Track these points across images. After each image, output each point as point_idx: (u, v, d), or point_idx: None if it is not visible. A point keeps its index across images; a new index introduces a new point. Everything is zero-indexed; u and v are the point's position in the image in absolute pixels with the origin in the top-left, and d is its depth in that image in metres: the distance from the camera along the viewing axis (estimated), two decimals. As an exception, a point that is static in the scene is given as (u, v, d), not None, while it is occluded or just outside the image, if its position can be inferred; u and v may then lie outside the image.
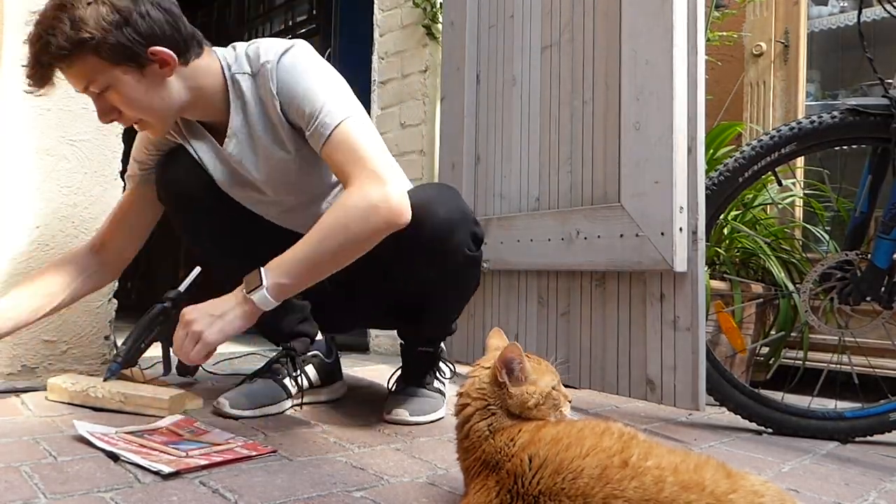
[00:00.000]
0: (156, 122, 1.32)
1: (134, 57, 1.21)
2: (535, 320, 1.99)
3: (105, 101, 1.26)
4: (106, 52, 1.19)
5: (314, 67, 1.32)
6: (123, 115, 1.28)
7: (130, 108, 1.27)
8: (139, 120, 1.30)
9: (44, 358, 1.63)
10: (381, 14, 2.90)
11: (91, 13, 1.16)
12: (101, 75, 1.21)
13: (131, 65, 1.22)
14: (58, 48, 1.16)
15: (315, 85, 1.28)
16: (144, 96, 1.26)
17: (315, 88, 1.28)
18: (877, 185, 1.54)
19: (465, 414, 0.89)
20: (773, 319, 2.23)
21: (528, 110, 2.04)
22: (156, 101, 1.28)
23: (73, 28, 1.15)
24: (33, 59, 1.20)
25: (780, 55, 2.65)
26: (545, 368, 0.91)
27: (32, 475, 0.97)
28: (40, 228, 1.64)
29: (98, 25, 1.16)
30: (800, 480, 1.19)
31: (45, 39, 1.17)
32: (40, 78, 1.22)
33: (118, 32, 1.18)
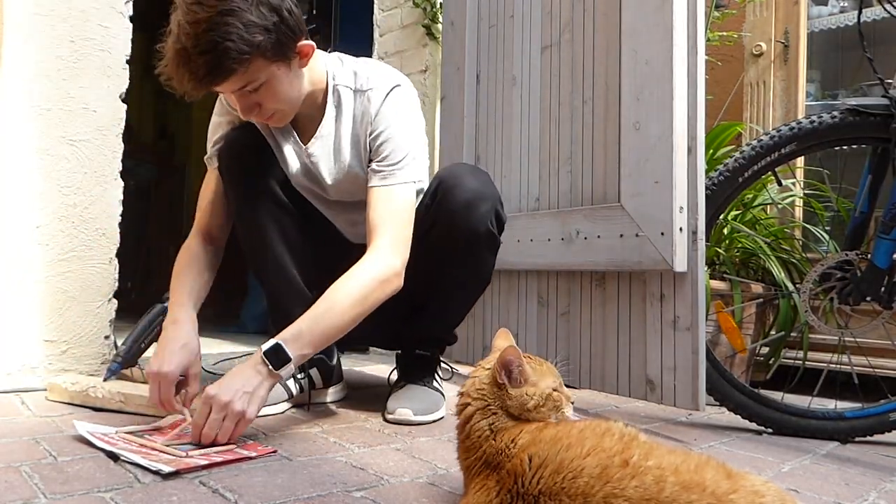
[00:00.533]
0: (290, 112, 1.37)
1: (288, 53, 1.27)
2: (535, 320, 1.99)
3: (252, 98, 1.28)
4: (270, 52, 1.23)
5: (413, 116, 1.43)
6: (263, 108, 1.31)
7: (276, 101, 1.30)
8: (275, 111, 1.33)
9: (44, 358, 1.63)
10: (381, 14, 2.90)
11: (256, 15, 1.19)
12: (263, 74, 1.24)
13: (285, 60, 1.27)
14: (238, 52, 1.17)
15: (407, 134, 1.40)
16: (290, 89, 1.32)
17: (405, 138, 1.39)
18: (877, 185, 1.54)
19: (465, 414, 0.89)
20: (773, 319, 2.23)
21: (528, 110, 2.04)
22: (295, 92, 1.34)
23: (247, 32, 1.17)
24: (207, 66, 1.17)
25: (780, 55, 2.65)
26: (546, 370, 0.91)
27: (32, 475, 0.97)
28: (40, 228, 1.64)
29: (264, 27, 1.19)
30: (800, 480, 1.19)
31: (223, 46, 1.15)
32: (209, 85, 1.21)
33: (277, 31, 1.22)
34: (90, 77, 1.71)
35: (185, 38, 1.16)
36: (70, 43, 1.68)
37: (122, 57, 1.77)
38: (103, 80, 1.73)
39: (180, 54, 1.17)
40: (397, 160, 1.37)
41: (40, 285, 1.63)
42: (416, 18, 2.70)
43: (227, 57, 1.17)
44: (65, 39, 1.68)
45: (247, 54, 1.18)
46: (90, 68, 1.71)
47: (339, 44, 3.75)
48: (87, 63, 1.71)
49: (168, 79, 1.22)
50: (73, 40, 1.69)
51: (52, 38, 1.66)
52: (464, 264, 1.47)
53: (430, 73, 2.63)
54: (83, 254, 1.69)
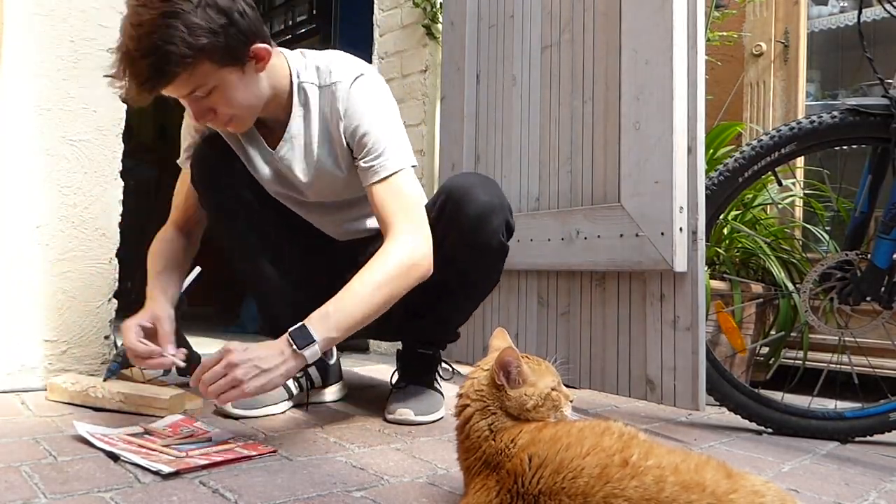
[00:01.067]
0: (248, 117, 1.33)
1: (238, 57, 1.22)
2: (535, 320, 1.99)
3: (203, 103, 1.25)
4: (218, 56, 1.18)
5: (384, 102, 1.38)
6: (218, 114, 1.28)
7: (230, 106, 1.26)
8: (231, 117, 1.30)
9: (44, 358, 1.63)
10: (381, 14, 2.90)
11: (202, 18, 1.14)
12: (211, 78, 1.21)
13: (236, 64, 1.23)
14: (180, 56, 1.13)
15: (383, 122, 1.35)
16: (244, 94, 1.27)
17: (383, 126, 1.34)
18: (877, 185, 1.53)
19: (465, 415, 0.89)
20: (773, 319, 2.23)
21: (527, 110, 2.05)
22: (251, 97, 1.29)
23: (190, 35, 1.13)
24: (149, 70, 1.14)
25: (780, 55, 2.65)
26: (544, 369, 0.91)
27: (32, 475, 0.97)
28: (40, 228, 1.64)
29: (210, 29, 1.15)
30: (800, 480, 1.19)
31: (164, 49, 1.12)
32: (151, 89, 1.17)
33: (226, 34, 1.18)
34: (90, 77, 1.71)
35: (129, 40, 1.13)
36: (70, 43, 1.68)
37: (122, 57, 1.76)
38: (103, 80, 1.72)
39: (125, 58, 1.15)
40: (383, 150, 1.32)
41: (40, 285, 1.63)
42: (416, 18, 2.70)
43: (167, 61, 1.13)
44: (65, 39, 1.68)
45: (189, 58, 1.14)
46: (90, 68, 1.71)
47: (339, 44, 3.75)
48: (87, 63, 1.71)
49: (117, 84, 1.19)
50: (73, 40, 1.69)
51: (52, 38, 1.66)
52: (474, 273, 1.46)
53: (430, 73, 2.63)
54: (83, 254, 1.69)
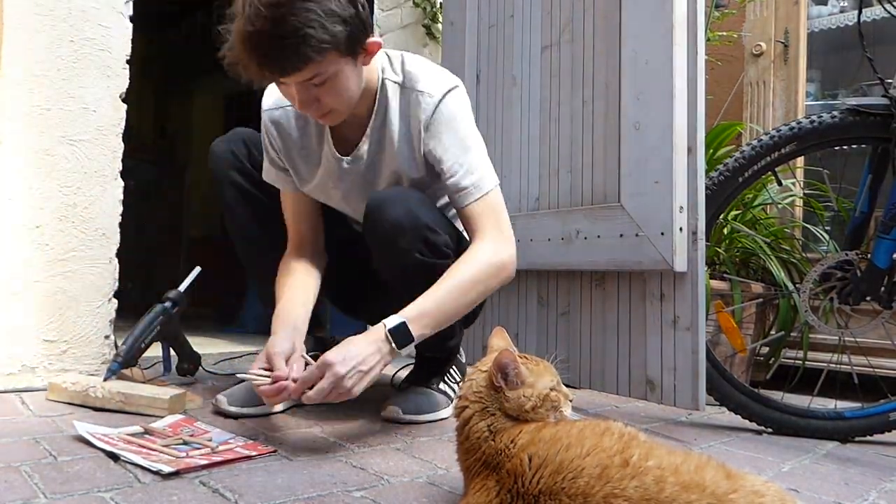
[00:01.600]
0: (346, 111, 1.31)
1: (357, 48, 1.22)
2: (535, 320, 1.99)
3: (313, 92, 1.22)
4: (344, 45, 1.17)
5: (468, 117, 1.39)
6: (321, 104, 1.25)
7: (338, 97, 1.25)
8: (330, 110, 1.28)
9: (44, 358, 1.63)
10: (381, 14, 2.90)
11: (336, 5, 1.14)
12: (332, 67, 1.19)
13: (353, 56, 1.22)
14: (318, 41, 1.12)
15: (469, 140, 1.37)
16: (353, 86, 1.27)
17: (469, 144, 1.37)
18: (877, 184, 1.54)
19: (464, 416, 0.89)
20: (773, 319, 2.23)
21: (527, 110, 2.04)
22: (355, 90, 1.29)
23: (328, 20, 1.12)
24: (285, 51, 1.11)
25: (780, 55, 2.65)
26: (543, 369, 0.90)
27: (32, 475, 0.97)
28: (40, 228, 1.64)
29: (342, 18, 1.14)
30: (800, 480, 1.19)
31: (304, 32, 1.10)
32: (282, 72, 1.16)
33: (353, 24, 1.17)
34: (90, 77, 1.71)
35: (261, 21, 1.09)
36: (70, 43, 1.68)
37: (122, 57, 1.77)
38: (103, 80, 1.73)
39: (252, 38, 1.11)
40: (474, 169, 1.35)
41: (40, 285, 1.63)
42: (416, 18, 2.70)
43: (306, 44, 1.11)
44: (65, 39, 1.68)
45: (326, 44, 1.13)
46: (90, 68, 1.71)
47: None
48: (87, 63, 1.71)
49: (232, 63, 1.17)
50: (73, 40, 1.69)
51: (52, 38, 1.66)
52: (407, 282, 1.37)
53: (430, 73, 2.63)
54: (83, 254, 1.69)
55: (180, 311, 1.60)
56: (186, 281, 1.61)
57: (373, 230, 1.35)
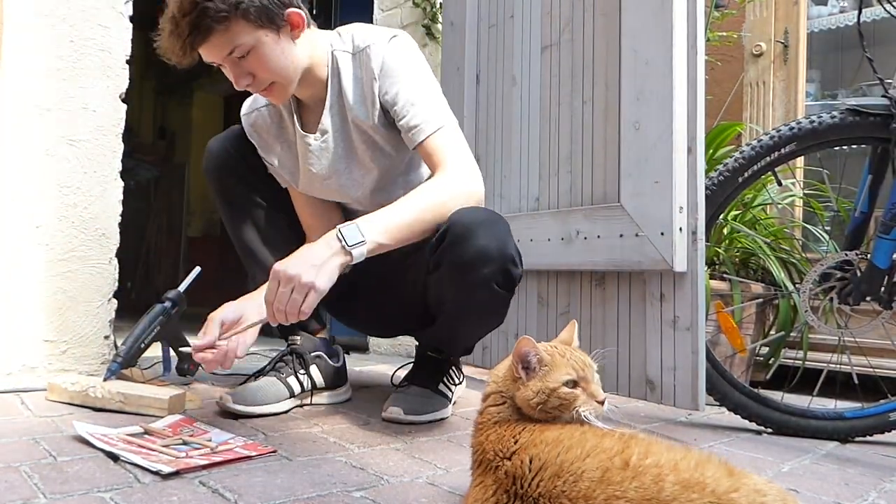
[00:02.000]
0: (286, 84, 1.37)
1: (274, 18, 1.29)
2: (535, 320, 1.99)
3: (241, 67, 1.30)
4: (254, 15, 1.25)
5: (418, 63, 1.42)
6: (256, 79, 1.33)
7: (267, 70, 1.31)
8: (270, 85, 1.34)
9: (44, 358, 1.63)
10: (381, 14, 2.90)
11: None
12: (247, 38, 1.26)
13: (272, 27, 1.29)
14: (216, 11, 1.21)
15: (419, 81, 1.40)
16: (281, 58, 1.32)
17: (420, 84, 1.39)
18: (877, 185, 1.54)
19: (486, 392, 0.90)
20: (772, 319, 2.23)
21: (527, 110, 2.04)
22: (289, 63, 1.34)
23: None
24: (189, 26, 1.22)
25: (779, 55, 2.65)
26: (564, 362, 0.83)
27: (32, 475, 0.97)
28: (40, 228, 1.64)
29: None
30: (799, 480, 1.19)
31: (203, 6, 1.20)
32: (190, 46, 1.24)
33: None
34: (90, 77, 1.71)
35: (173, 4, 1.22)
36: (70, 43, 1.68)
37: (122, 57, 1.77)
38: (103, 80, 1.73)
39: (170, 22, 1.23)
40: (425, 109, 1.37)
41: (40, 285, 1.63)
42: (416, 18, 2.70)
43: (205, 15, 1.21)
44: (65, 39, 1.68)
45: (224, 12, 1.21)
46: (90, 68, 1.71)
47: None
48: (87, 63, 1.71)
49: (163, 54, 1.27)
50: (73, 40, 1.69)
51: (52, 38, 1.66)
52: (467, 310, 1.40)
53: (430, 73, 2.63)
54: (83, 254, 1.69)
55: (180, 312, 1.60)
56: (186, 281, 1.61)
57: (455, 252, 1.28)
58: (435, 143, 1.36)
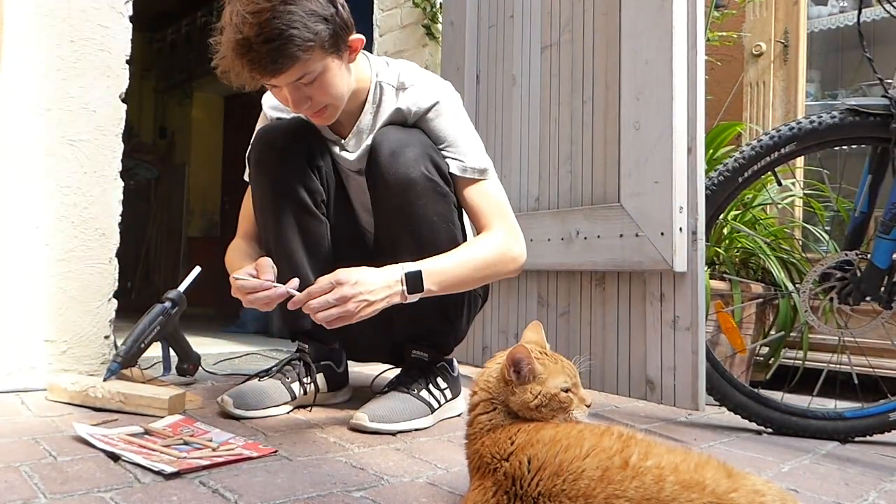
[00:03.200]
0: (339, 108, 1.36)
1: (342, 45, 1.28)
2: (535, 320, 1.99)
3: (304, 91, 1.28)
4: (328, 43, 1.23)
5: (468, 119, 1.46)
6: (314, 102, 1.31)
7: (328, 95, 1.30)
8: (323, 107, 1.33)
9: (44, 358, 1.63)
10: (381, 14, 2.90)
11: (316, 5, 1.20)
12: (319, 65, 1.25)
13: (338, 53, 1.28)
14: (303, 40, 1.18)
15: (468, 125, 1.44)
16: (342, 83, 1.32)
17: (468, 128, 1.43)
18: (876, 185, 1.54)
19: (472, 402, 0.90)
20: (772, 319, 2.23)
21: (527, 110, 2.05)
22: (345, 87, 1.34)
23: (310, 20, 1.18)
24: (273, 53, 1.17)
25: (779, 55, 2.65)
26: (559, 369, 0.88)
27: (32, 475, 0.97)
28: (40, 228, 1.64)
29: (323, 16, 1.21)
30: (799, 480, 1.19)
31: (288, 33, 1.16)
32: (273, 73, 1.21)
33: (334, 22, 1.23)
34: (90, 77, 1.71)
35: (248, 27, 1.15)
36: (70, 43, 1.68)
37: (122, 57, 1.77)
38: (103, 80, 1.73)
39: (241, 45, 1.17)
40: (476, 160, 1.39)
41: (40, 285, 1.63)
42: (415, 18, 2.70)
43: (291, 44, 1.17)
44: (65, 39, 1.68)
45: (311, 41, 1.19)
46: (90, 68, 1.71)
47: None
48: (87, 63, 1.71)
49: (224, 71, 1.23)
50: (73, 40, 1.69)
51: (52, 38, 1.66)
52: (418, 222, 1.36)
53: (430, 73, 2.63)
54: (83, 254, 1.69)
55: (180, 312, 1.60)
56: (186, 281, 1.61)
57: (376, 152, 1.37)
58: (483, 189, 1.40)
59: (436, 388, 1.48)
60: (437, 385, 1.49)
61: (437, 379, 1.50)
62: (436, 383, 1.49)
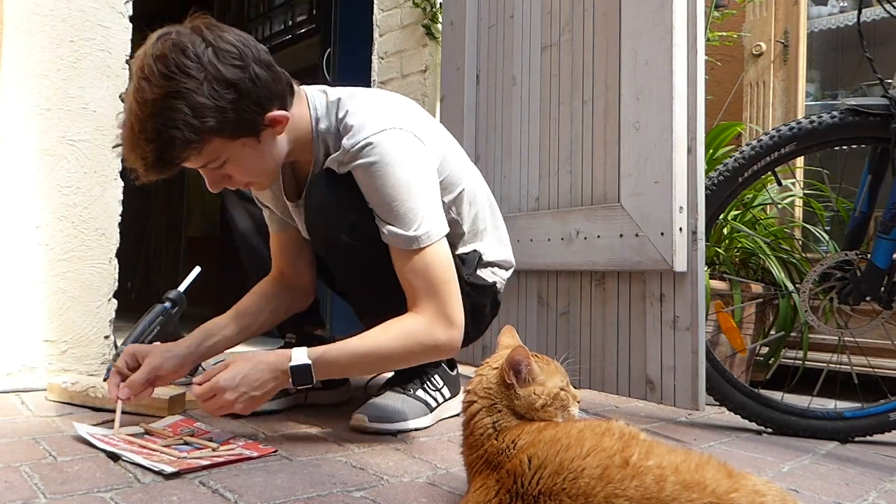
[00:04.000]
0: (266, 180, 1.29)
1: (253, 127, 1.16)
2: (535, 320, 1.99)
3: (217, 173, 1.21)
4: (229, 132, 1.13)
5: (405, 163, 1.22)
6: (234, 180, 1.23)
7: (245, 173, 1.22)
8: (247, 182, 1.26)
9: (44, 358, 1.63)
10: (380, 14, 2.90)
11: (208, 95, 1.07)
12: (223, 153, 1.16)
13: (250, 135, 1.16)
14: (185, 142, 1.08)
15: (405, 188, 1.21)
16: (260, 161, 1.21)
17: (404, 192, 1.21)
18: (876, 185, 1.54)
19: (470, 411, 0.89)
20: (772, 319, 2.23)
21: (527, 110, 2.04)
22: (269, 162, 1.24)
23: (195, 117, 1.07)
24: (154, 154, 1.08)
25: (779, 55, 2.65)
26: (554, 369, 0.91)
27: (32, 475, 0.97)
28: (40, 228, 1.64)
29: (217, 107, 1.09)
30: (800, 480, 1.19)
31: (168, 135, 1.06)
32: (158, 173, 1.13)
33: (236, 109, 1.11)
34: (90, 77, 1.71)
35: (134, 118, 1.08)
36: (70, 43, 1.68)
37: (121, 57, 1.77)
38: (103, 80, 1.73)
39: (129, 138, 1.10)
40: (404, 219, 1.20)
41: (40, 285, 1.63)
42: (415, 18, 2.70)
43: (171, 146, 1.08)
44: (65, 39, 1.68)
45: (195, 142, 1.09)
46: (90, 68, 1.71)
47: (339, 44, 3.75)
48: (87, 63, 1.71)
49: (124, 159, 1.14)
50: (73, 40, 1.69)
51: (52, 38, 1.66)
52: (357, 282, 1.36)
53: (430, 73, 2.63)
54: (83, 254, 1.69)
55: (180, 311, 1.60)
56: (186, 281, 1.61)
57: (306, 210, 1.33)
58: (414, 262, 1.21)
59: (432, 387, 1.47)
60: (434, 384, 1.48)
61: (432, 378, 1.48)
62: (431, 382, 1.48)
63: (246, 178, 1.24)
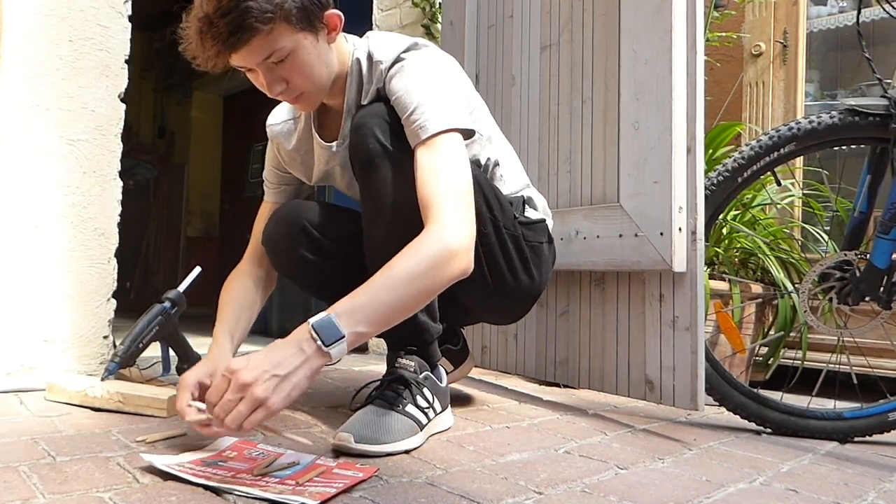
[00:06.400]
0: (317, 93, 1.29)
1: (314, 21, 1.20)
2: (534, 320, 1.99)
3: (275, 73, 1.22)
4: (295, 17, 1.17)
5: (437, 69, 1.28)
6: (290, 86, 1.24)
7: (302, 76, 1.23)
8: (301, 92, 1.26)
9: (43, 358, 1.63)
10: (380, 14, 2.90)
11: None
12: (287, 41, 1.18)
13: (311, 30, 1.21)
14: (261, 12, 1.12)
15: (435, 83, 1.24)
16: (317, 64, 1.24)
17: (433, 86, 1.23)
18: (876, 185, 1.54)
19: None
20: (772, 319, 2.23)
21: (527, 110, 2.05)
22: (324, 69, 1.27)
23: None
24: (230, 27, 1.11)
25: (779, 55, 2.65)
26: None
27: (31, 475, 0.97)
28: (40, 228, 1.64)
29: None
30: (799, 480, 1.19)
31: (245, 4, 1.11)
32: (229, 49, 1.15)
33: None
34: (89, 77, 1.71)
35: (207, 4, 1.12)
36: (69, 42, 1.68)
37: (121, 56, 1.77)
38: (102, 80, 1.73)
39: (203, 22, 1.13)
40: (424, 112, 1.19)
41: (39, 285, 1.63)
42: (415, 18, 2.70)
43: (248, 15, 1.11)
44: (64, 39, 1.68)
45: (269, 13, 1.13)
46: (89, 68, 1.71)
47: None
48: (87, 63, 1.71)
49: (193, 56, 1.17)
50: (73, 40, 1.69)
51: (51, 38, 1.66)
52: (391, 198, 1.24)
53: (430, 73, 2.63)
54: (82, 253, 1.69)
55: (180, 312, 1.60)
56: (186, 281, 1.61)
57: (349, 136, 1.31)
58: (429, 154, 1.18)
59: (424, 402, 1.30)
60: (425, 398, 1.31)
61: (422, 391, 1.32)
62: (423, 396, 1.31)
63: (301, 81, 1.24)
